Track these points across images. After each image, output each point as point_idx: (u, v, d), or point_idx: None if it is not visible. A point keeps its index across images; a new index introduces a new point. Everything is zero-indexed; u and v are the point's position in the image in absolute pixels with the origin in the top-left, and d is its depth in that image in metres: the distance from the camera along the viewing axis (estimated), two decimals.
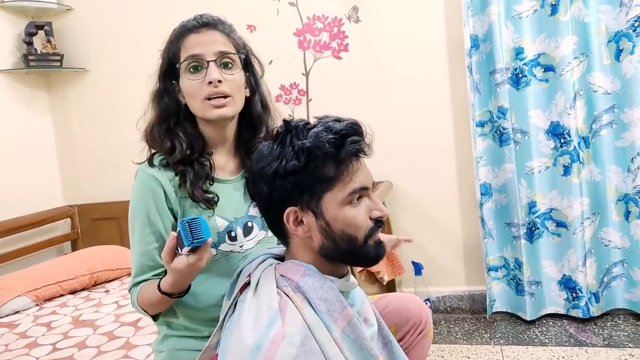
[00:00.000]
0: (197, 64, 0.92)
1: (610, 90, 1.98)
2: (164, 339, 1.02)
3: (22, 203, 2.38)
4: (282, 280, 0.77)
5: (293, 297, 0.74)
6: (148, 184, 0.93)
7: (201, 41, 0.92)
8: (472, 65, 2.07)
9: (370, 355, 0.75)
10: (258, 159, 0.81)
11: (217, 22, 0.96)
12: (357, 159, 0.77)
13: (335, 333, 0.73)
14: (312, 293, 0.74)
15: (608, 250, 2.05)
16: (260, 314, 0.71)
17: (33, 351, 1.45)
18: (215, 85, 0.91)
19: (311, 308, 0.74)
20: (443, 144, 2.22)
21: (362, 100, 2.27)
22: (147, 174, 0.95)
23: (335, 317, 0.75)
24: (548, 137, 2.05)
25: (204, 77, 0.92)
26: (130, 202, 0.96)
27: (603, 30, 1.96)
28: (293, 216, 0.77)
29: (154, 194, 0.93)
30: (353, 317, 0.76)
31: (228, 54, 0.95)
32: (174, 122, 0.97)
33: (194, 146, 0.96)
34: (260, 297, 0.74)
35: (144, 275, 0.96)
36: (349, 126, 0.76)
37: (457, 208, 2.24)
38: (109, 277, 2.09)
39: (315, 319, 0.73)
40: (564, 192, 2.03)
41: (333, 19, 2.28)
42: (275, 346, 0.66)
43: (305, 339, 0.69)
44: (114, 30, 2.50)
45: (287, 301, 0.74)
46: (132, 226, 0.96)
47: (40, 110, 2.58)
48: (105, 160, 2.58)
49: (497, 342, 2.00)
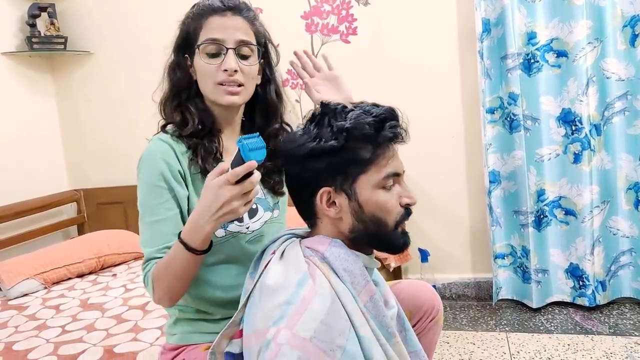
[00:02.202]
0: (216, 49, 0.91)
1: (624, 77, 1.95)
2: (176, 322, 1.02)
3: (28, 187, 2.38)
4: (308, 251, 0.78)
5: (320, 266, 0.75)
6: (162, 149, 0.92)
7: (224, 25, 0.91)
8: (483, 50, 2.03)
9: (389, 334, 0.76)
10: (291, 139, 0.81)
11: (242, 8, 0.94)
12: (393, 145, 0.78)
13: (360, 304, 0.75)
14: (338, 264, 0.75)
15: (616, 239, 2.04)
16: (289, 276, 0.72)
17: (43, 333, 1.46)
18: (230, 74, 0.91)
19: (337, 277, 0.75)
20: (452, 131, 2.19)
21: (370, 85, 2.23)
22: (161, 142, 0.94)
23: (359, 290, 0.76)
24: (559, 124, 2.02)
25: (220, 63, 0.91)
26: (140, 171, 0.93)
27: (618, 14, 1.92)
28: (326, 197, 0.78)
29: (167, 159, 0.91)
30: (375, 293, 0.77)
31: (248, 44, 0.93)
32: (186, 97, 0.96)
33: (204, 122, 0.96)
34: (288, 263, 0.76)
35: (169, 243, 0.88)
36: (388, 111, 0.77)
37: (465, 195, 2.23)
38: (116, 261, 2.09)
39: (342, 287, 0.74)
40: (574, 180, 2.01)
41: (341, 1, 2.23)
42: (307, 302, 0.68)
43: (333, 302, 0.70)
44: (118, 12, 2.46)
45: (315, 268, 0.75)
46: (147, 193, 0.92)
47: (44, 94, 2.56)
48: (110, 144, 2.57)
49: (502, 329, 2.00)
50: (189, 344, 1.00)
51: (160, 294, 0.90)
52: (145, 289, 0.93)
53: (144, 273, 0.92)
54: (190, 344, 1.00)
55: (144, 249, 0.92)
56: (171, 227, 0.91)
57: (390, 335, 0.76)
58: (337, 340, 0.67)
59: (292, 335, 0.64)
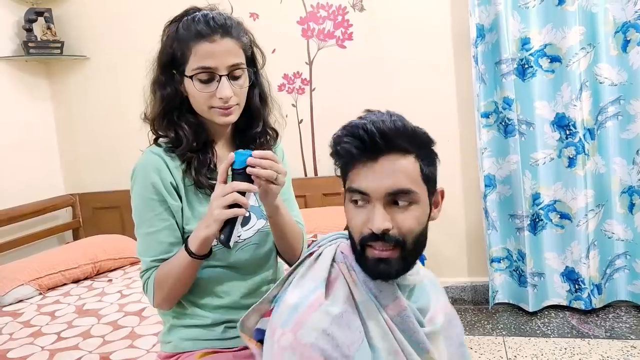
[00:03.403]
0: (208, 76, 0.91)
1: (617, 82, 1.97)
2: (171, 330, 1.02)
3: (23, 192, 2.37)
4: (341, 257, 0.78)
5: (346, 274, 0.76)
6: (154, 161, 0.93)
7: (214, 52, 0.89)
8: (478, 55, 2.05)
9: (421, 349, 0.75)
10: None
11: (229, 27, 0.92)
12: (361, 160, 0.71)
13: (384, 316, 0.74)
14: (363, 274, 0.75)
15: (611, 242, 2.06)
16: (307, 281, 0.75)
17: (38, 340, 1.45)
18: (225, 101, 0.92)
19: (362, 288, 0.75)
20: (447, 135, 2.21)
21: (366, 90, 2.25)
22: (154, 155, 0.94)
23: (385, 304, 0.75)
24: (553, 129, 2.04)
25: (214, 90, 0.91)
26: (135, 183, 0.94)
27: (610, 20, 1.94)
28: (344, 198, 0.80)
29: (160, 172, 0.92)
30: (405, 309, 0.75)
31: (239, 66, 0.93)
32: (177, 114, 0.96)
33: (198, 137, 0.96)
34: (314, 268, 0.78)
35: (166, 254, 0.93)
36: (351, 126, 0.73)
37: (461, 199, 2.24)
38: (112, 267, 2.08)
39: (366, 298, 0.74)
40: (569, 184, 2.02)
41: (337, 7, 2.25)
42: (311, 310, 0.69)
43: (344, 313, 0.70)
44: (114, 17, 2.46)
45: (339, 275, 0.75)
46: (141, 206, 0.94)
47: (40, 98, 2.55)
48: (106, 148, 2.56)
49: (499, 333, 2.00)
50: (184, 352, 1.00)
51: (160, 299, 0.94)
52: (145, 295, 0.96)
53: (143, 281, 0.95)
54: (185, 351, 0.99)
55: (141, 258, 0.95)
56: (167, 236, 0.93)
57: (423, 350, 0.75)
58: (343, 349, 0.67)
59: (294, 340, 0.66)
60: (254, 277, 1.01)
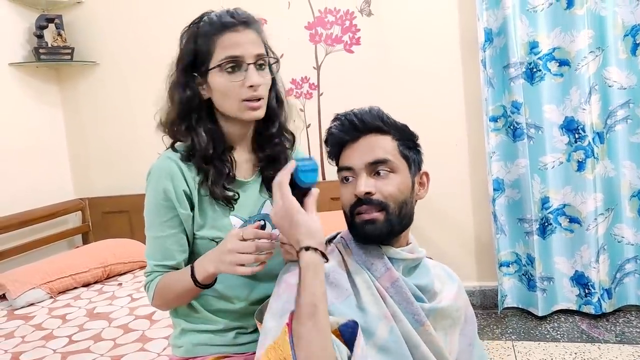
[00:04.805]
0: (236, 65, 0.91)
1: (626, 85, 1.96)
2: (182, 334, 1.02)
3: (34, 196, 2.39)
4: (339, 239, 0.91)
5: (342, 250, 0.88)
6: (169, 168, 0.93)
7: (240, 41, 0.90)
8: (486, 59, 2.05)
9: (416, 321, 0.81)
10: None
11: (251, 21, 0.93)
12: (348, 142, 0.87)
13: (377, 284, 0.83)
14: (357, 250, 0.86)
15: (621, 246, 2.04)
16: None
17: (49, 343, 1.46)
18: (255, 89, 0.91)
19: (356, 261, 0.85)
20: (455, 139, 2.20)
21: (374, 94, 2.25)
22: (170, 161, 0.94)
23: (378, 275, 0.84)
24: (562, 133, 2.03)
25: (243, 79, 0.90)
26: (148, 185, 0.95)
27: (619, 24, 1.94)
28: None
29: (174, 179, 0.92)
30: (397, 280, 0.82)
31: (264, 56, 0.94)
32: (196, 118, 0.95)
33: (216, 144, 0.95)
34: None
35: (170, 261, 0.95)
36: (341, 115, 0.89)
37: (469, 203, 2.24)
38: (122, 270, 2.10)
39: (358, 268, 0.84)
40: (578, 187, 2.02)
41: (345, 12, 2.26)
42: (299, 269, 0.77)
43: (332, 272, 0.82)
44: (124, 23, 2.49)
45: (334, 249, 0.88)
46: (152, 210, 0.94)
47: (51, 104, 2.58)
48: (115, 153, 2.58)
49: (508, 337, 1.99)
50: (195, 357, 1.00)
51: (159, 304, 0.99)
52: (146, 293, 0.99)
53: (146, 281, 0.98)
54: (197, 356, 1.00)
55: (147, 259, 0.98)
56: (173, 244, 0.95)
57: (418, 322, 0.81)
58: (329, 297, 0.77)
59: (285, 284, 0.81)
60: (266, 283, 1.01)
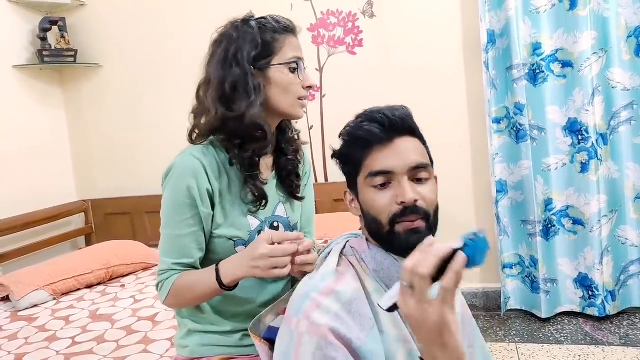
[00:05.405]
0: (297, 66, 0.98)
1: (630, 87, 1.96)
2: (189, 334, 1.02)
3: (37, 198, 2.40)
4: (350, 250, 0.82)
5: (357, 265, 0.79)
6: (193, 166, 0.93)
7: (299, 45, 1.00)
8: (489, 60, 2.05)
9: None
10: None
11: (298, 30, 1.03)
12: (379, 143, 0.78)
13: None
14: (373, 265, 0.78)
15: (625, 248, 2.04)
16: (317, 272, 0.79)
17: (53, 344, 1.46)
18: (308, 90, 1.00)
19: (373, 278, 0.78)
20: (458, 141, 2.20)
21: (377, 96, 2.25)
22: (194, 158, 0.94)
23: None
24: (565, 134, 2.03)
25: (302, 80, 0.98)
26: (169, 183, 0.94)
27: (622, 25, 1.93)
28: (348, 197, 0.84)
29: (197, 178, 0.92)
30: None
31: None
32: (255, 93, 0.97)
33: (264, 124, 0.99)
34: (324, 261, 0.81)
35: (187, 259, 0.94)
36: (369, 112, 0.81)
37: (472, 205, 2.23)
38: (124, 272, 2.09)
39: (377, 287, 0.77)
40: (581, 189, 2.01)
41: (347, 14, 2.26)
42: (322, 297, 0.71)
43: (354, 300, 0.73)
44: (127, 26, 2.50)
45: (349, 267, 0.79)
46: (172, 208, 0.94)
47: (54, 106, 2.59)
48: (118, 155, 2.59)
49: (512, 339, 1.99)
50: (201, 357, 1.00)
51: (172, 303, 0.96)
52: (157, 292, 0.96)
53: (160, 279, 0.95)
54: (202, 357, 1.00)
55: (162, 257, 0.95)
56: (191, 242, 0.94)
57: None
58: (356, 332, 0.70)
59: (309, 324, 0.69)
60: (275, 285, 1.02)
